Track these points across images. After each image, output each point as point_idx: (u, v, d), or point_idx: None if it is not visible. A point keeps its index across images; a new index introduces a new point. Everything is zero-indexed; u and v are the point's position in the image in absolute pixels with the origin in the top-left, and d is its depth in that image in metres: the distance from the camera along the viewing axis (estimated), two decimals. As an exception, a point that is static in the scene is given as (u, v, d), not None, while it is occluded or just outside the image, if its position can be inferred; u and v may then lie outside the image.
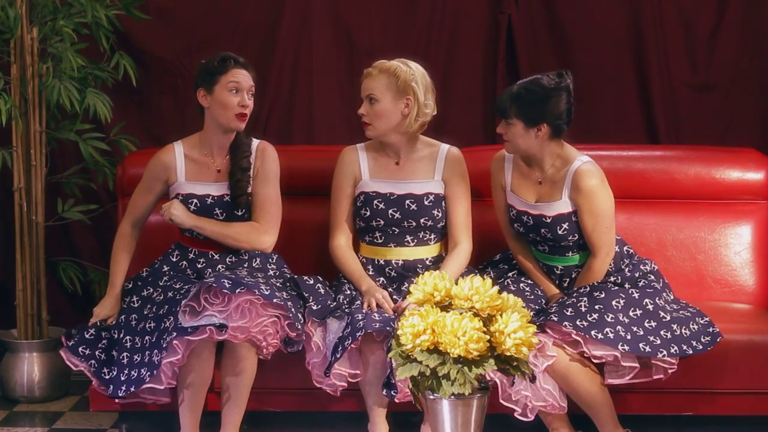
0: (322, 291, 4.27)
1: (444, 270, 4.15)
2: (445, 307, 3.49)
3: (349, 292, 4.29)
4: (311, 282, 4.28)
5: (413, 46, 5.41)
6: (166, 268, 4.35)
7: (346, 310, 4.16)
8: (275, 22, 5.41)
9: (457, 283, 3.55)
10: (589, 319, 4.03)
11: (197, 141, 4.38)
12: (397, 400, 4.06)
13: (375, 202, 4.34)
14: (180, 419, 4.18)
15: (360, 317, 4.06)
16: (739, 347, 4.20)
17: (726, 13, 5.42)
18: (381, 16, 5.45)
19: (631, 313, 4.09)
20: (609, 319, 4.04)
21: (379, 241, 4.35)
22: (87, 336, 4.21)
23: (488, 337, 3.40)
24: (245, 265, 4.31)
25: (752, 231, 4.71)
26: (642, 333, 4.05)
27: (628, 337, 4.02)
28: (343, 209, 4.39)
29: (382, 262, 4.35)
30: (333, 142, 5.36)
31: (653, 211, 4.66)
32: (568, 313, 4.05)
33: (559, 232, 4.26)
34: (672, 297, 4.31)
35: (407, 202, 4.32)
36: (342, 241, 4.38)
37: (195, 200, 4.31)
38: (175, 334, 3.99)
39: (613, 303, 4.10)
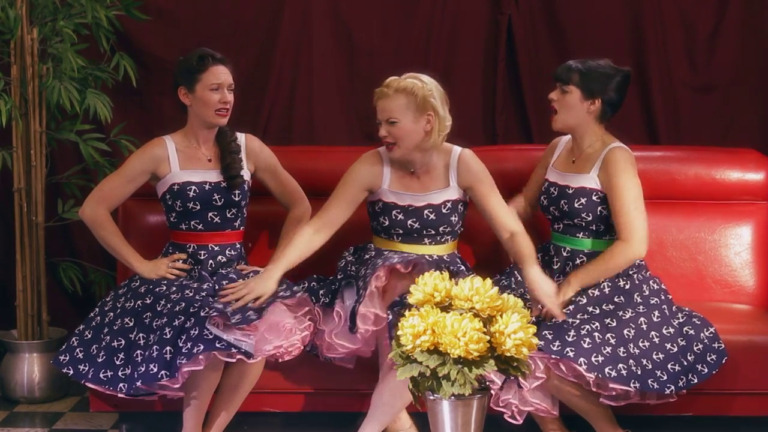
0: (319, 284, 4.28)
1: (520, 249, 4.19)
2: (445, 307, 3.49)
3: (346, 261, 4.30)
4: (306, 284, 4.29)
5: (413, 46, 5.42)
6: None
7: (352, 274, 4.19)
8: (275, 22, 5.42)
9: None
10: (604, 352, 4.02)
11: (183, 135, 4.41)
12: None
13: (394, 212, 4.30)
14: (184, 420, 4.18)
15: (379, 261, 4.06)
16: (739, 348, 4.20)
17: (726, 13, 5.43)
18: (381, 16, 5.46)
19: (640, 344, 4.09)
20: (621, 354, 4.04)
21: (396, 240, 4.35)
22: (78, 355, 4.21)
23: (488, 337, 3.40)
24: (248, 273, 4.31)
25: (752, 231, 4.71)
26: (650, 367, 4.06)
27: (639, 372, 4.03)
28: (336, 208, 4.28)
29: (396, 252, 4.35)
30: (333, 142, 5.37)
31: (653, 211, 4.64)
32: (585, 346, 4.02)
33: (575, 205, 4.27)
34: (675, 308, 4.29)
35: (426, 212, 4.29)
36: (310, 230, 4.25)
37: (193, 187, 4.32)
38: (202, 347, 3.97)
39: (625, 333, 4.10)
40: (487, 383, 3.65)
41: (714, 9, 5.43)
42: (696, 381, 4.10)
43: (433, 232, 4.31)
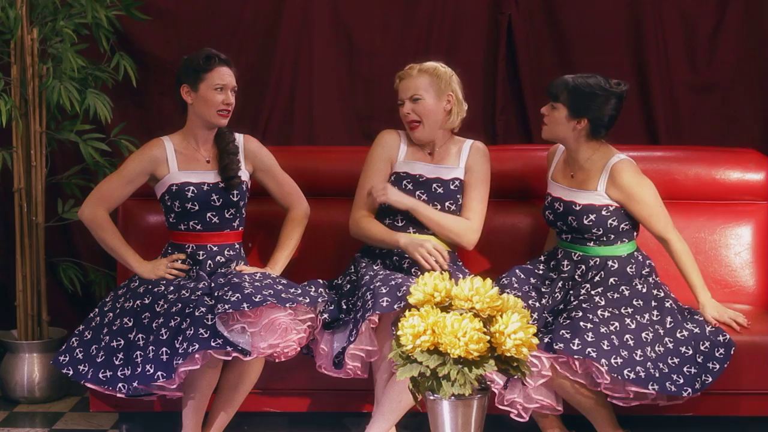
0: (326, 297, 4.25)
1: (446, 215, 4.33)
2: (445, 307, 3.49)
3: (349, 286, 4.31)
4: (313, 292, 4.27)
5: (413, 46, 5.42)
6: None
7: (351, 306, 4.18)
8: (275, 22, 5.41)
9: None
10: (623, 354, 4.04)
11: (182, 136, 4.41)
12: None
13: (404, 182, 4.40)
14: (183, 420, 4.18)
15: (369, 297, 4.06)
16: (739, 348, 4.19)
17: (726, 13, 5.43)
18: (381, 16, 5.46)
19: (656, 348, 4.11)
20: (638, 357, 4.06)
21: (400, 224, 4.38)
22: (78, 356, 4.21)
23: (488, 337, 3.40)
24: (248, 275, 4.28)
25: (752, 232, 4.70)
26: (666, 371, 4.08)
27: (657, 375, 4.05)
28: (372, 183, 4.43)
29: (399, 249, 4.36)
30: (333, 142, 5.36)
31: (653, 211, 4.65)
32: (605, 347, 4.03)
33: (585, 222, 4.27)
34: (678, 307, 4.31)
35: (434, 185, 4.39)
36: (364, 213, 4.43)
37: (191, 188, 4.32)
38: (197, 346, 3.97)
39: (643, 336, 4.12)
40: (488, 383, 3.66)
41: (714, 9, 5.42)
42: (710, 380, 4.11)
43: (438, 207, 4.36)
